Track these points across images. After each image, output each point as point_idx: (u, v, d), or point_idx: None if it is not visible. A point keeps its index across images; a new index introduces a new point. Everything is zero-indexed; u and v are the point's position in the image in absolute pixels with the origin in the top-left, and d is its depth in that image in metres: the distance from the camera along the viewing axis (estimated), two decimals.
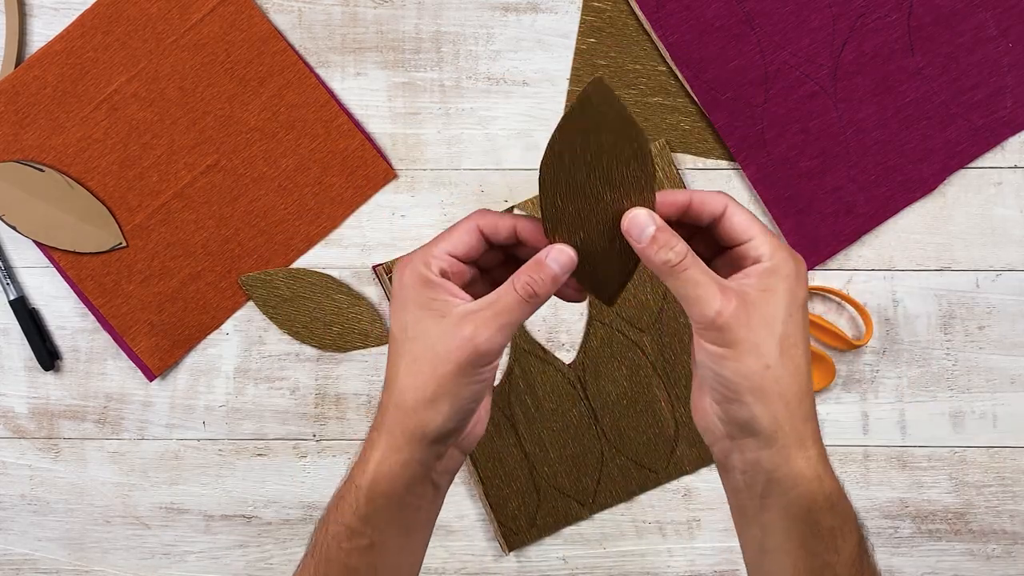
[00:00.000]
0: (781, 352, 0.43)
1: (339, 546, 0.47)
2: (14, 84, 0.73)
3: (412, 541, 0.49)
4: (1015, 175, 0.75)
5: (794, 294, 0.43)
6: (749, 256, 0.44)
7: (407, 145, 0.76)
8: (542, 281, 0.44)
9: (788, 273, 0.43)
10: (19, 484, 0.78)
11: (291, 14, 0.75)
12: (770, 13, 0.73)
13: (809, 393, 0.44)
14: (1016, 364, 0.76)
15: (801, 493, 0.44)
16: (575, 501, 0.77)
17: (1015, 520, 0.77)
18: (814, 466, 0.44)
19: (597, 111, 0.44)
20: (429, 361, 0.44)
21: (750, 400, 0.43)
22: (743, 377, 0.43)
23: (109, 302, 0.75)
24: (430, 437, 0.45)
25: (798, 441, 0.43)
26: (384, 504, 0.46)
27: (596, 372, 0.76)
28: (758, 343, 0.42)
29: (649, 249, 0.44)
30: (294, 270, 0.76)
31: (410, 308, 0.45)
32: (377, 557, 0.47)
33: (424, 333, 0.44)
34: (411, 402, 0.45)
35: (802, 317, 0.44)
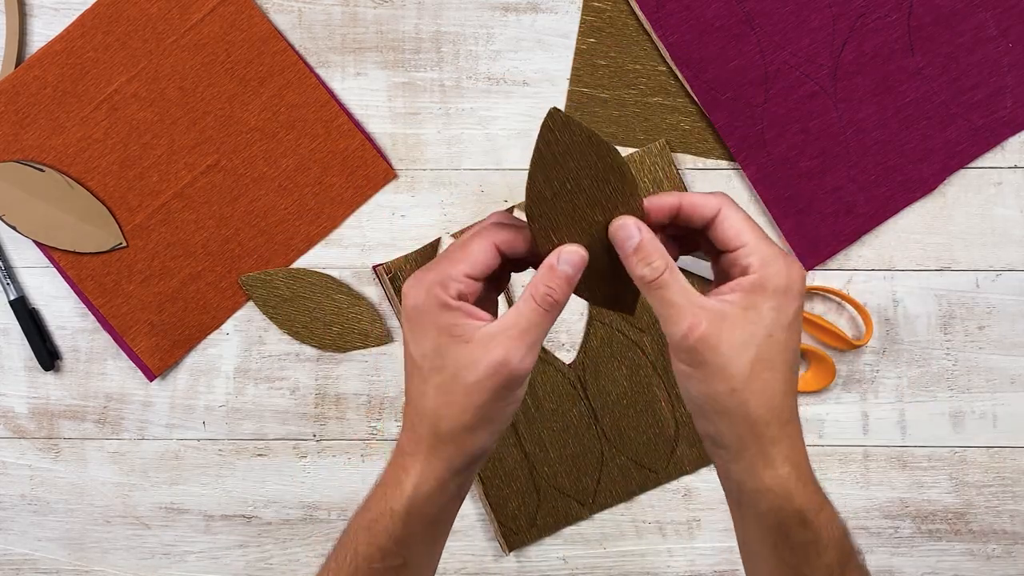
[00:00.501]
0: (751, 375, 0.42)
1: (370, 566, 0.46)
2: (14, 84, 0.73)
3: (437, 551, 0.50)
4: (1015, 175, 0.75)
5: (780, 312, 0.42)
6: (738, 264, 0.43)
7: (407, 145, 0.76)
8: (559, 287, 0.44)
9: (776, 288, 0.42)
10: (19, 484, 0.78)
11: (291, 14, 0.75)
12: (770, 13, 0.73)
13: (781, 415, 0.43)
14: (1016, 364, 0.76)
15: (769, 508, 0.44)
16: (575, 501, 0.77)
17: (1015, 520, 0.77)
18: (783, 483, 0.43)
19: (560, 140, 0.43)
20: (463, 390, 0.43)
21: (714, 419, 0.43)
22: (708, 398, 0.43)
23: (109, 302, 0.75)
24: (470, 462, 0.45)
25: (764, 460, 0.43)
26: (421, 528, 0.46)
27: (596, 372, 0.76)
28: (725, 366, 0.42)
29: (630, 260, 0.44)
30: (294, 270, 0.76)
31: (430, 334, 0.44)
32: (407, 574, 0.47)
33: (451, 362, 0.43)
34: (448, 430, 0.44)
35: (786, 337, 0.43)
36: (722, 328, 0.42)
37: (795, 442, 0.44)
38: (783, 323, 0.42)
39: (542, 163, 0.44)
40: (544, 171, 0.44)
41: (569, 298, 0.44)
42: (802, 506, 0.44)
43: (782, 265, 0.43)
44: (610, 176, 0.44)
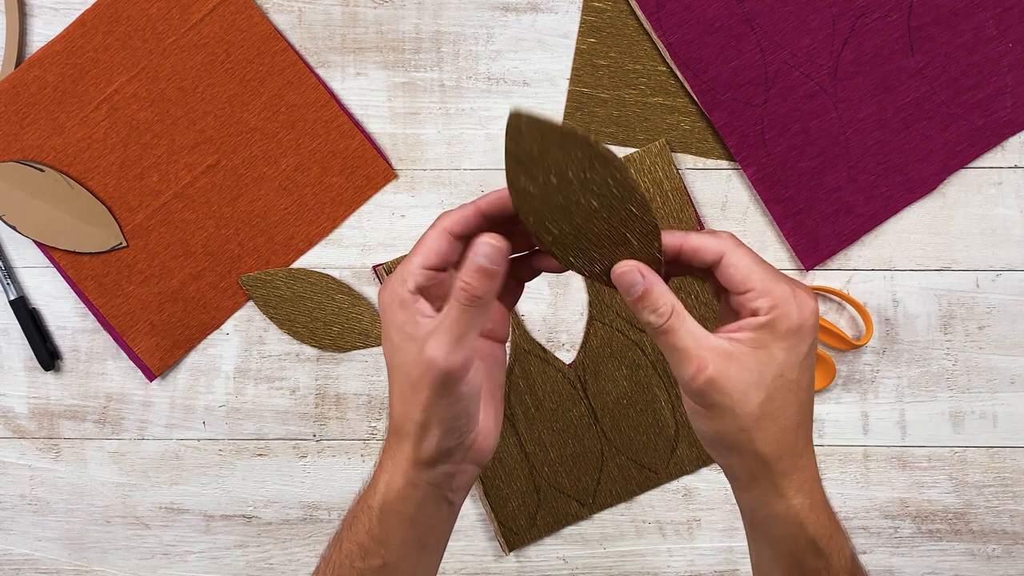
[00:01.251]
0: (761, 416, 0.42)
1: (352, 565, 0.47)
2: (14, 84, 0.73)
3: (426, 558, 0.49)
4: (1015, 175, 0.75)
5: (791, 352, 0.42)
6: (746, 307, 0.43)
7: (407, 145, 0.76)
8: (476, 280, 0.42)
9: (787, 329, 0.42)
10: (19, 484, 0.78)
11: (291, 14, 0.75)
12: (770, 13, 0.73)
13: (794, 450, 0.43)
14: (1016, 364, 0.76)
15: (782, 535, 0.44)
16: (575, 501, 0.77)
17: (1015, 520, 0.77)
18: (795, 514, 0.43)
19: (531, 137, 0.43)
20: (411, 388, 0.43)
21: (725, 454, 0.44)
22: (717, 435, 0.43)
23: (109, 302, 0.75)
24: (431, 460, 0.45)
25: (775, 492, 0.43)
26: (397, 524, 0.46)
27: (596, 372, 0.76)
28: (732, 407, 0.42)
29: (635, 306, 0.44)
30: (294, 270, 0.76)
31: (391, 333, 0.45)
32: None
33: (402, 360, 0.44)
34: (406, 428, 0.45)
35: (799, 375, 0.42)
36: (730, 369, 0.42)
37: (808, 473, 0.44)
38: (794, 362, 0.42)
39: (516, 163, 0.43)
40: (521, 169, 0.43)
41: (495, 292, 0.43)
42: (815, 534, 0.44)
43: (792, 306, 0.42)
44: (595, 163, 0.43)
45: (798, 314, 0.42)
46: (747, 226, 0.76)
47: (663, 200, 0.74)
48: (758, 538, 0.46)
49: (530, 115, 0.42)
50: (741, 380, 0.42)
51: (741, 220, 0.76)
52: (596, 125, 0.75)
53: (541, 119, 0.42)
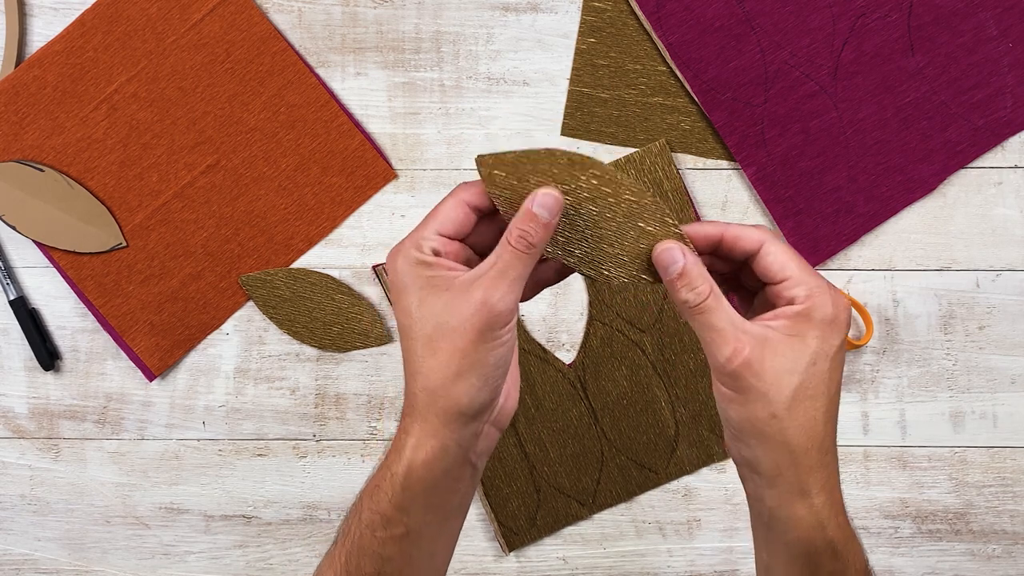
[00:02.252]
0: (793, 402, 0.42)
1: (373, 535, 0.46)
2: (14, 84, 0.73)
3: (448, 526, 0.48)
4: (1015, 175, 0.75)
5: (824, 341, 0.42)
6: (784, 296, 0.43)
7: (407, 145, 0.76)
8: (534, 230, 0.43)
9: (822, 319, 0.42)
10: (19, 484, 0.78)
11: (291, 14, 0.75)
12: (770, 13, 0.73)
13: (822, 444, 0.43)
14: (1016, 364, 0.76)
15: (800, 536, 0.44)
16: (575, 501, 0.77)
17: (1015, 520, 0.77)
18: (816, 513, 0.43)
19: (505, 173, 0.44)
20: (446, 337, 0.43)
21: (753, 443, 0.43)
22: (748, 422, 0.43)
23: (109, 302, 0.75)
24: (466, 414, 0.44)
25: (799, 489, 0.43)
26: (421, 491, 0.45)
27: (596, 372, 0.76)
28: (766, 391, 0.42)
29: (672, 285, 0.44)
30: (294, 270, 0.76)
31: (411, 291, 0.44)
32: (412, 545, 0.46)
33: (432, 311, 0.44)
34: (438, 382, 0.44)
35: (829, 366, 0.43)
36: (765, 354, 0.42)
37: (832, 472, 0.44)
38: (827, 353, 0.43)
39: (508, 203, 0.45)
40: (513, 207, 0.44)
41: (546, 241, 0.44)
42: (833, 537, 0.44)
43: (828, 297, 0.43)
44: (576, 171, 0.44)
45: (833, 306, 0.43)
46: None
47: (663, 200, 0.74)
48: (773, 540, 0.45)
49: (493, 155, 0.44)
50: (776, 365, 0.42)
51: (741, 220, 0.76)
52: (596, 125, 0.75)
53: (503, 154, 0.44)
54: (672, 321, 0.75)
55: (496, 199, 0.45)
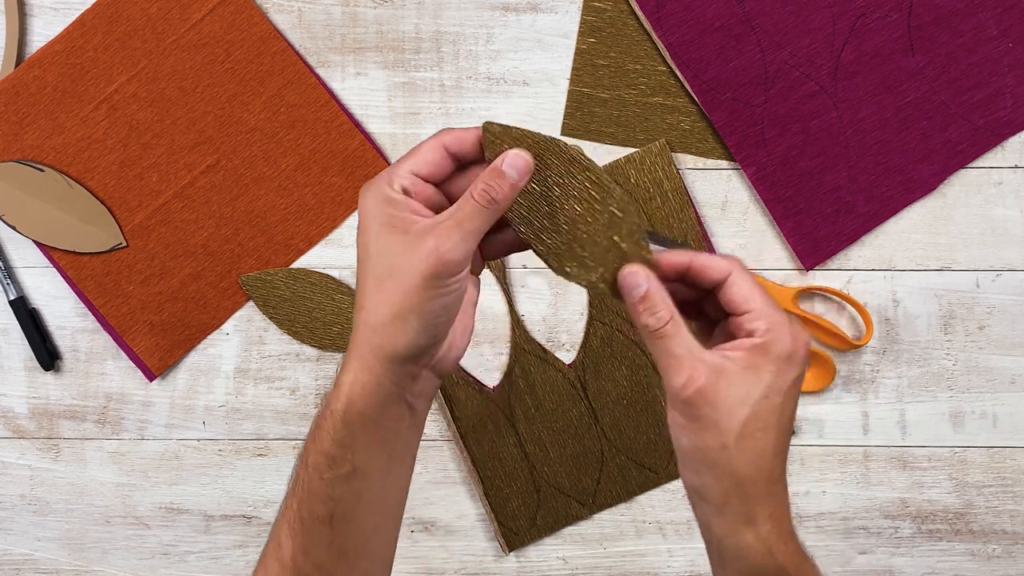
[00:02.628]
0: (743, 434, 0.42)
1: (320, 477, 0.46)
2: (14, 84, 0.73)
3: (395, 468, 0.48)
4: (1015, 175, 0.75)
5: (779, 376, 0.43)
6: (744, 328, 0.44)
7: (407, 145, 0.76)
8: (499, 187, 0.44)
9: (779, 353, 0.43)
10: (19, 484, 0.78)
11: (291, 14, 0.75)
12: (770, 13, 0.73)
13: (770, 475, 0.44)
14: (1016, 364, 0.76)
15: (751, 564, 0.44)
16: (575, 501, 0.77)
17: (1015, 520, 0.77)
18: (764, 540, 0.44)
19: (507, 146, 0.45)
20: (394, 277, 0.44)
21: (703, 472, 0.44)
22: (699, 451, 0.43)
23: (109, 302, 0.75)
24: (401, 355, 0.45)
25: (746, 517, 0.43)
26: (361, 426, 0.45)
27: (596, 372, 0.76)
28: (718, 420, 0.42)
29: (634, 308, 0.45)
30: (294, 270, 0.76)
31: (372, 227, 0.45)
32: (361, 483, 0.46)
33: (387, 250, 0.44)
34: (379, 320, 0.44)
35: (782, 400, 0.43)
36: (719, 383, 0.43)
37: (779, 501, 0.45)
38: (781, 387, 0.43)
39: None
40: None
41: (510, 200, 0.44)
42: (784, 563, 0.44)
43: (787, 332, 0.43)
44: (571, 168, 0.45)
45: (792, 342, 0.43)
46: (747, 226, 0.76)
47: (663, 200, 0.74)
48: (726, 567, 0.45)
49: (502, 125, 0.45)
50: (729, 395, 0.42)
51: (741, 220, 0.76)
52: (596, 125, 0.75)
53: (512, 128, 0.45)
54: None
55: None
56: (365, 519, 0.47)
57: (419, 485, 0.77)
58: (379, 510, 0.48)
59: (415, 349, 0.45)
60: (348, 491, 0.46)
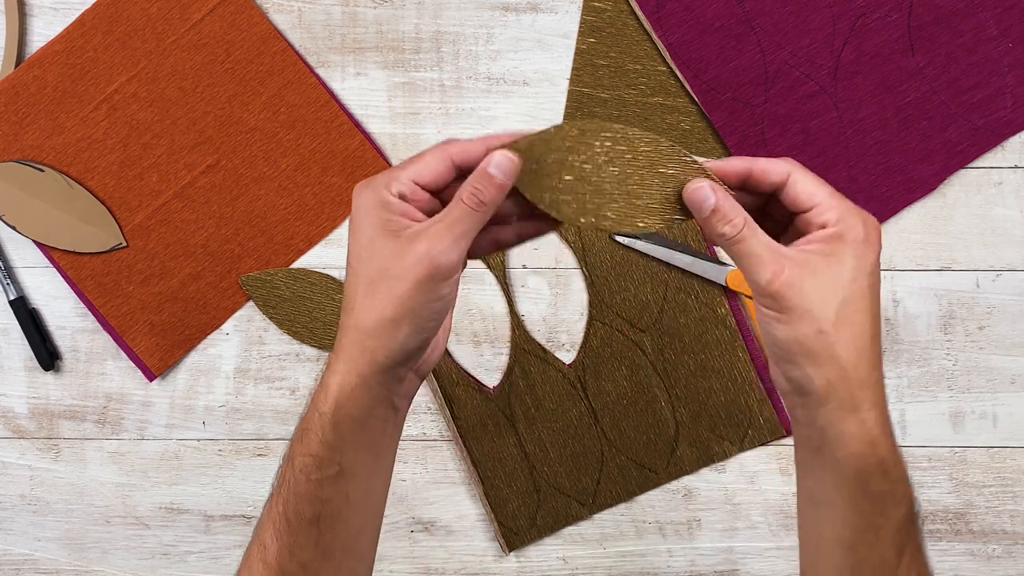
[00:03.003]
0: (838, 317, 0.43)
1: (308, 478, 0.46)
2: (14, 84, 0.73)
3: (380, 465, 0.49)
4: (1015, 175, 0.75)
5: (861, 259, 0.44)
6: (815, 222, 0.44)
7: (407, 145, 0.76)
8: (487, 189, 0.45)
9: (855, 238, 0.44)
10: (19, 484, 0.78)
11: (291, 14, 0.75)
12: (770, 13, 0.73)
13: (871, 359, 0.44)
14: (1016, 364, 0.76)
15: (852, 454, 0.44)
16: (575, 501, 0.77)
17: (1015, 520, 0.77)
18: (868, 430, 0.44)
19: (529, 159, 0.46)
20: (386, 282, 0.44)
21: (802, 362, 0.44)
22: (795, 341, 0.43)
23: (109, 302, 0.75)
24: (392, 359, 0.45)
25: (851, 404, 0.44)
26: (349, 428, 0.46)
27: (596, 372, 0.76)
28: (811, 308, 0.43)
29: (707, 222, 0.45)
30: (294, 270, 0.76)
31: (365, 230, 0.45)
32: (348, 484, 0.47)
33: (378, 255, 0.45)
34: (371, 324, 0.45)
35: (869, 282, 0.44)
36: (804, 274, 0.43)
37: (880, 389, 0.45)
38: (865, 269, 0.44)
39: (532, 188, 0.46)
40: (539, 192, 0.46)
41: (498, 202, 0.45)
42: (884, 455, 0.44)
43: (859, 218, 0.44)
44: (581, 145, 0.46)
45: (864, 226, 0.44)
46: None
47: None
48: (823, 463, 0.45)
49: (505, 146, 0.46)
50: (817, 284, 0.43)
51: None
52: None
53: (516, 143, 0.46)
54: (672, 321, 0.75)
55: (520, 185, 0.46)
56: (352, 519, 0.48)
57: (419, 485, 0.77)
58: (365, 510, 0.48)
59: (406, 353, 0.46)
60: (336, 492, 0.46)
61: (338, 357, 0.46)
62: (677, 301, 0.75)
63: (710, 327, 0.75)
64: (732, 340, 0.75)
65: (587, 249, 0.76)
